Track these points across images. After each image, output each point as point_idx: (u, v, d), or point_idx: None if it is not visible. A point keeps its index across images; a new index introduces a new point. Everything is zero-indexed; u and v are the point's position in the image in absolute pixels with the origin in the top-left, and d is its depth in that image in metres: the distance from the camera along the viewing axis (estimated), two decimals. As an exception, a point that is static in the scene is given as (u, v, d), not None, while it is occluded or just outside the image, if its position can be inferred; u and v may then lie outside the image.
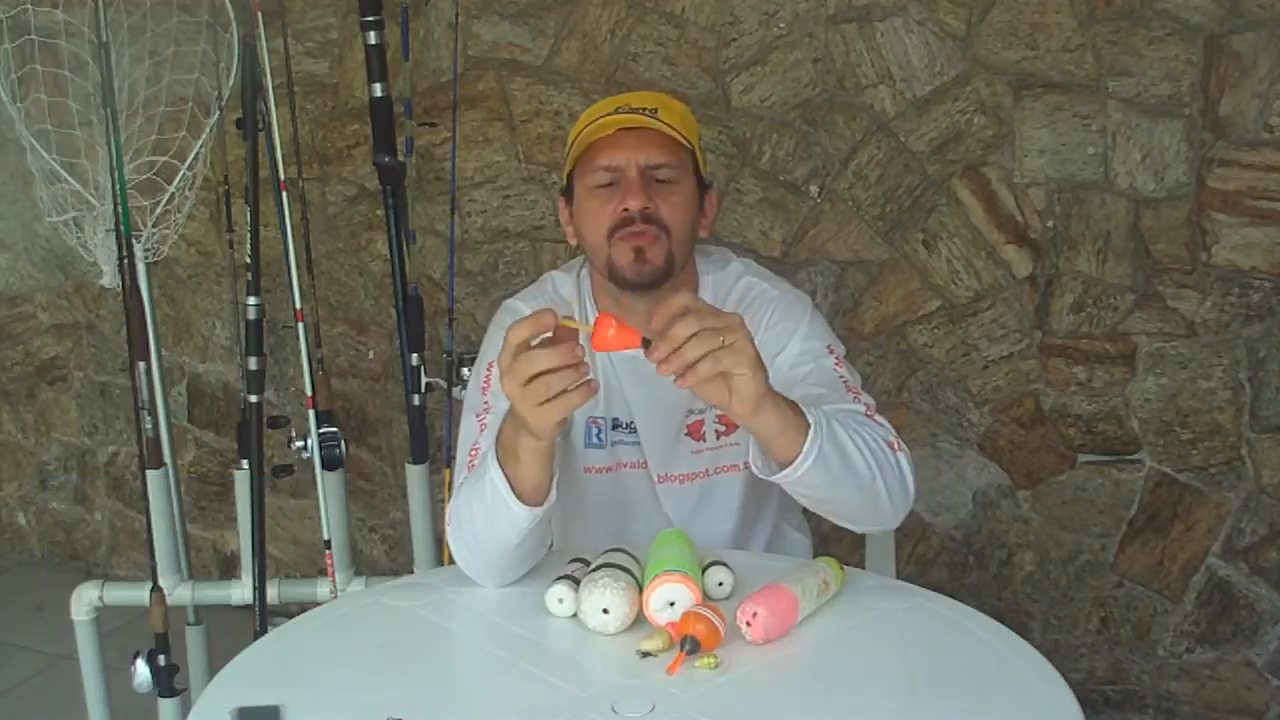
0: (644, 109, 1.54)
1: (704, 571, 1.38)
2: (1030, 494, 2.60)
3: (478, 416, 1.54)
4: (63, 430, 3.51)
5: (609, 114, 1.54)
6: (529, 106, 2.75)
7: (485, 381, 1.57)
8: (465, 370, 2.27)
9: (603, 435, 1.65)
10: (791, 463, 1.30)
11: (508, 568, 1.43)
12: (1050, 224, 2.46)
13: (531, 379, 1.19)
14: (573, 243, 1.63)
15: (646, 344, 1.21)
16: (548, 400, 1.20)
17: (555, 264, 2.77)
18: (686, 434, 1.65)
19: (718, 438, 1.65)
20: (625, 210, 1.51)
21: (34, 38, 2.25)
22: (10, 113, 2.24)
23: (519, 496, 1.32)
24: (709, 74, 2.61)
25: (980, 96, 2.45)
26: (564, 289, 1.68)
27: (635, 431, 1.65)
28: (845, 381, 1.54)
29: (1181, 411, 2.46)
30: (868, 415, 1.47)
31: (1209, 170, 2.34)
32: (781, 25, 2.54)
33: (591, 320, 1.26)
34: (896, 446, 1.43)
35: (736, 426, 1.63)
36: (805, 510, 1.77)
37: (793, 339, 1.58)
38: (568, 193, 1.62)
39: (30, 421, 3.56)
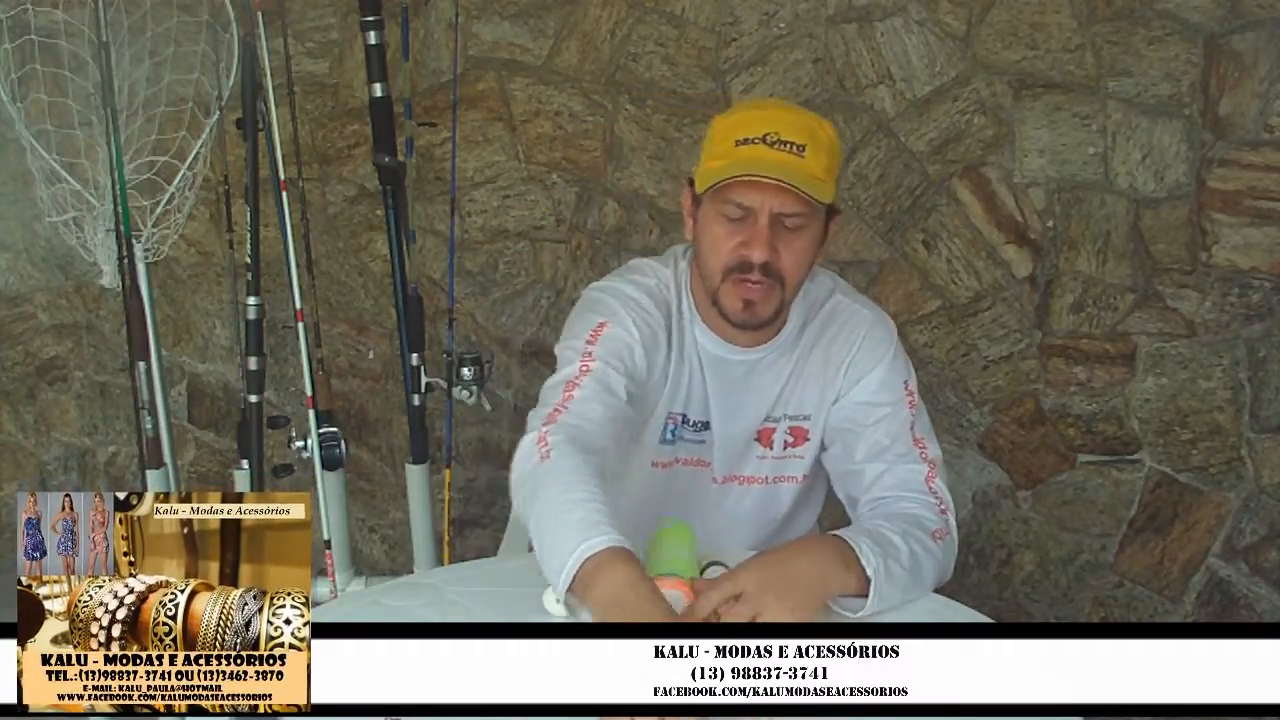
0: (794, 144, 1.47)
1: (702, 572, 1.38)
2: (1030, 494, 2.60)
3: (583, 358, 1.51)
4: (63, 430, 3.50)
5: (759, 138, 1.47)
6: (529, 106, 2.75)
7: (592, 336, 1.54)
8: (465, 370, 2.27)
9: (676, 431, 1.66)
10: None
11: None
12: (1050, 224, 2.46)
13: None
14: (689, 236, 1.61)
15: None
16: None
17: (555, 264, 2.79)
18: (756, 438, 1.67)
19: (785, 447, 1.68)
20: (747, 256, 1.50)
21: (34, 38, 2.25)
22: (10, 113, 2.24)
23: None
24: (709, 74, 2.60)
25: (980, 96, 2.45)
26: (663, 278, 1.65)
27: (703, 430, 1.66)
28: (914, 431, 1.58)
29: (1181, 411, 2.46)
30: (928, 481, 1.53)
31: (1209, 170, 2.34)
32: (781, 25, 2.54)
33: (685, 308, 1.57)
34: (941, 534, 1.48)
35: (805, 440, 1.67)
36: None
37: (876, 369, 1.62)
38: (694, 182, 1.56)
39: (30, 421, 3.55)
